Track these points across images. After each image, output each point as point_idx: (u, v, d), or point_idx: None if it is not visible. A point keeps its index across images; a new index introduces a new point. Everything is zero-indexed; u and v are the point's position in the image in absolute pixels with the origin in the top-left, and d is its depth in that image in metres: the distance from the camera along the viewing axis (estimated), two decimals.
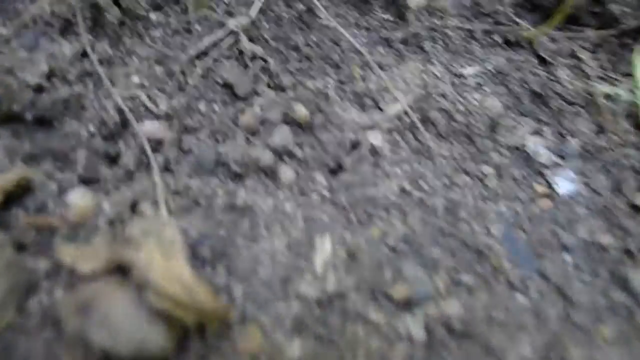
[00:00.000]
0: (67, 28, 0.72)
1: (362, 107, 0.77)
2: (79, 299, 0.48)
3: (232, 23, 0.77)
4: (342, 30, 0.78)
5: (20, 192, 0.59)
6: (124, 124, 0.67)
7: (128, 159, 0.65)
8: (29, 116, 0.64)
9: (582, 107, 0.88)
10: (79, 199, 0.59)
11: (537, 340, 0.58)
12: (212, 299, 0.47)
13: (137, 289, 0.46)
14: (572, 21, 0.96)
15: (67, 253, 0.52)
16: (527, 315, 0.60)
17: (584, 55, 0.93)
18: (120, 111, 0.67)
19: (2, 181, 0.56)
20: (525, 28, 0.91)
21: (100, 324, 0.45)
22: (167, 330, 0.46)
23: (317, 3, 0.81)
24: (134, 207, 0.59)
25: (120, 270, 0.49)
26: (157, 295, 0.45)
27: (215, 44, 0.76)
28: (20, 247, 0.55)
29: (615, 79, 0.92)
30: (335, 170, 0.69)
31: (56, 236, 0.56)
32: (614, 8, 0.93)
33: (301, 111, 0.69)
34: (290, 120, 0.70)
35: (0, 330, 0.48)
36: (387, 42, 0.87)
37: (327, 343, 0.53)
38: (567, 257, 0.68)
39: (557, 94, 0.88)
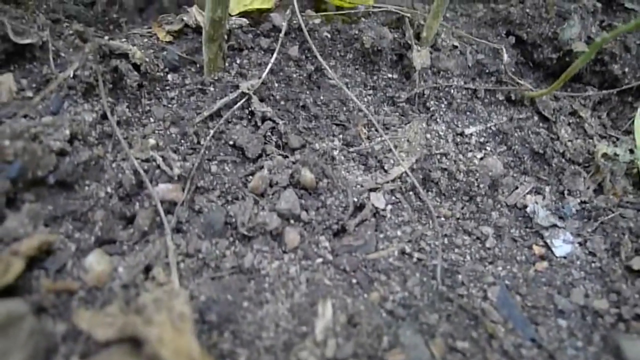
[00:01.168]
0: (89, 91, 0.77)
1: (367, 168, 0.81)
2: None
3: (244, 85, 0.81)
4: (347, 91, 0.82)
5: (42, 256, 0.63)
6: (140, 185, 0.71)
7: (142, 220, 0.69)
8: (51, 180, 0.68)
9: (582, 166, 0.90)
10: (96, 262, 0.62)
11: None
12: None
13: None
14: (574, 80, 0.99)
15: (84, 318, 0.56)
16: None
17: (585, 113, 0.95)
18: (136, 173, 0.71)
19: (25, 247, 0.60)
20: (528, 87, 0.94)
21: None
22: None
23: (325, 64, 0.85)
24: (147, 271, 0.63)
25: (133, 340, 0.52)
26: None
27: (227, 105, 0.80)
28: (40, 310, 0.59)
29: (616, 138, 0.95)
30: (339, 233, 0.72)
31: (74, 299, 0.60)
32: (615, 68, 0.96)
33: (307, 175, 0.72)
34: (296, 184, 0.73)
35: None
36: (393, 101, 0.90)
37: None
38: (562, 323, 0.70)
39: (557, 152, 0.90)
